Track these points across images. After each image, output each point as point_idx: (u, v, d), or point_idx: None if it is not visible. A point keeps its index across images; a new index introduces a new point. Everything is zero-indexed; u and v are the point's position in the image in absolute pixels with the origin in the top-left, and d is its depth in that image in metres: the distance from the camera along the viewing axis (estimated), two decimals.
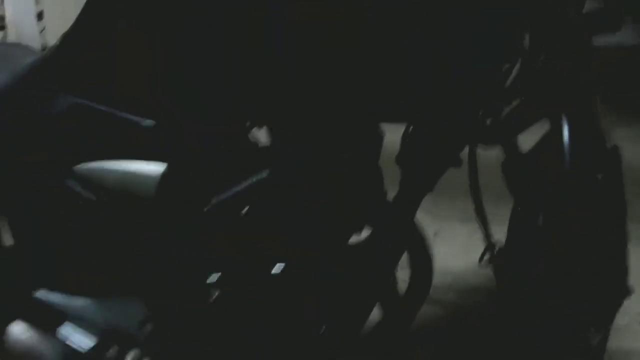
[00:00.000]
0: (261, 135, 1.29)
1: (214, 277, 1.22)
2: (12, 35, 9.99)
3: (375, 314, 1.41)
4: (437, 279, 2.09)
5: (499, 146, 1.29)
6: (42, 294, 1.48)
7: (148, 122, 1.19)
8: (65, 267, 1.43)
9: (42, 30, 10.01)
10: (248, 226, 1.23)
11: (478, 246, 1.44)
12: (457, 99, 1.16)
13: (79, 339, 1.43)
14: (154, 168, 1.19)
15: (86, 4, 1.26)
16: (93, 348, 1.41)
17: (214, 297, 1.23)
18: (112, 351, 1.41)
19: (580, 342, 1.38)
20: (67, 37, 1.30)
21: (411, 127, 1.28)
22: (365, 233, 1.33)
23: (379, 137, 1.26)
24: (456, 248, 2.48)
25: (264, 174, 1.17)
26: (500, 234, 1.38)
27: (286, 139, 1.22)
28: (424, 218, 1.45)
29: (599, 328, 1.47)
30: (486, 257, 1.44)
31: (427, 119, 1.22)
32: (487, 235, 1.40)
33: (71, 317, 1.44)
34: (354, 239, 1.33)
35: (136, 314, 1.36)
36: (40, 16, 10.46)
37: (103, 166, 1.24)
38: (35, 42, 4.44)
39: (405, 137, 1.28)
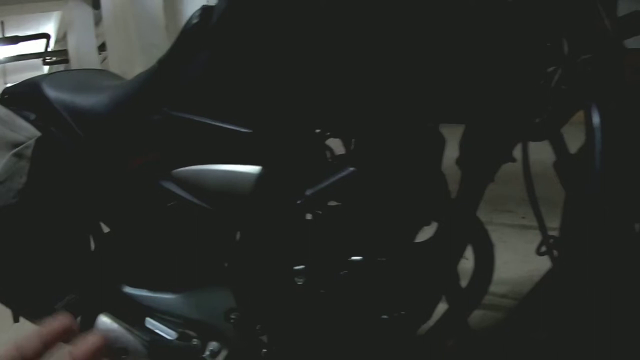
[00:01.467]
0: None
1: (299, 267, 1.36)
2: (74, 67, 10.32)
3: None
4: (493, 287, 2.16)
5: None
6: (129, 288, 1.61)
7: (245, 130, 1.34)
8: (152, 263, 1.57)
9: (103, 61, 10.32)
10: (331, 220, 1.37)
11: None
12: (508, 101, 1.28)
13: (165, 330, 1.54)
14: (249, 169, 1.33)
15: (181, 33, 1.43)
16: (178, 337, 1.52)
17: (298, 285, 1.36)
18: (196, 341, 1.52)
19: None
20: (164, 62, 1.47)
21: (468, 132, 1.41)
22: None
23: (442, 141, 1.39)
24: (513, 258, 2.58)
25: (347, 171, 1.30)
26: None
27: (362, 142, 1.36)
28: None
29: None
30: (543, 248, 1.53)
31: (483, 120, 1.34)
32: (542, 227, 1.48)
33: (158, 310, 1.56)
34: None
35: (221, 306, 1.48)
36: (100, 49, 10.77)
37: (201, 169, 1.38)
38: None
39: (462, 142, 1.41)
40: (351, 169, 1.30)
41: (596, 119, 1.13)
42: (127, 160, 1.52)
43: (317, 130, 1.39)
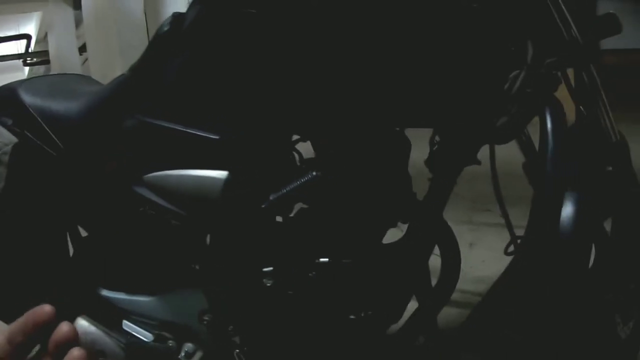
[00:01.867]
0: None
1: (268, 269, 1.38)
2: (55, 68, 10.24)
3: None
4: (471, 286, 2.20)
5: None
6: (106, 291, 1.61)
7: (213, 137, 1.37)
8: (128, 266, 1.58)
9: (84, 62, 10.26)
10: (299, 223, 1.40)
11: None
12: (472, 105, 1.32)
13: (142, 332, 1.55)
14: (217, 174, 1.36)
15: (152, 40, 1.46)
16: (155, 339, 1.54)
17: (267, 287, 1.38)
18: (172, 343, 1.53)
19: (605, 333, 1.42)
20: (136, 69, 1.49)
21: (434, 134, 1.45)
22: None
23: (407, 144, 1.43)
24: (490, 257, 2.61)
25: (310, 175, 1.34)
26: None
27: (330, 146, 1.39)
28: (460, 229, 1.55)
29: (626, 318, 1.50)
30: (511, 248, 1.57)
31: (447, 124, 1.38)
32: (510, 227, 1.52)
33: (135, 312, 1.57)
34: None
35: (194, 308, 1.50)
36: (81, 50, 10.69)
37: (171, 174, 1.41)
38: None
39: (430, 143, 1.45)
40: (314, 172, 1.33)
41: (549, 124, 1.17)
42: (101, 166, 1.54)
43: (286, 135, 1.42)
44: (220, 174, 1.35)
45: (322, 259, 1.37)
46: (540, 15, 1.33)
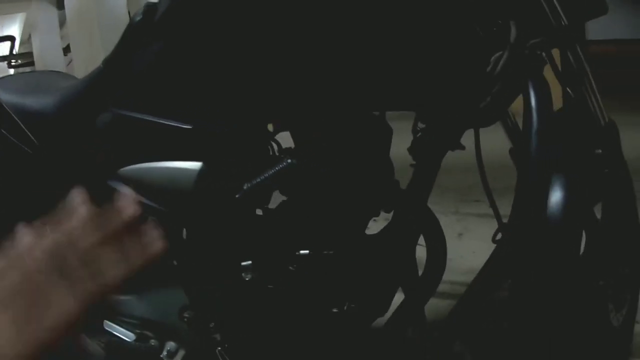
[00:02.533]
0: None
1: (247, 263, 1.35)
2: (40, 69, 10.16)
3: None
4: (460, 277, 2.18)
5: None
6: None
7: (186, 126, 1.34)
8: None
9: (69, 63, 10.20)
10: (278, 214, 1.37)
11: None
12: (454, 87, 1.28)
13: (123, 332, 1.53)
14: (190, 165, 1.33)
15: (125, 31, 1.42)
16: (136, 339, 1.52)
17: (247, 281, 1.35)
18: (154, 342, 1.52)
19: (597, 321, 1.41)
20: (109, 61, 1.47)
21: (416, 120, 1.41)
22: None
23: (388, 131, 1.39)
24: (480, 247, 2.61)
25: (285, 163, 1.31)
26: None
27: (307, 134, 1.36)
28: (449, 219, 1.53)
29: (618, 305, 1.51)
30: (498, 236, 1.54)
31: (428, 107, 1.34)
32: (497, 215, 1.50)
33: (115, 312, 1.54)
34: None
35: (174, 306, 1.48)
36: (66, 50, 10.63)
37: (146, 166, 1.39)
38: None
39: (412, 130, 1.41)
40: (289, 160, 1.30)
41: (534, 104, 1.14)
42: (76, 161, 1.51)
43: (261, 123, 1.39)
44: (194, 164, 1.33)
45: (302, 251, 1.33)
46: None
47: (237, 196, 1.31)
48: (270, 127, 1.44)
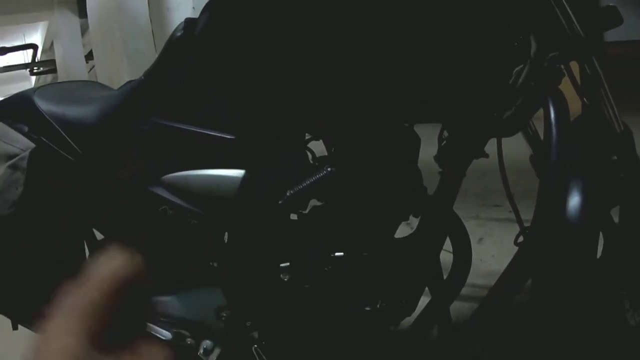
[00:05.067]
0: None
1: (285, 264, 1.42)
2: (62, 77, 10.26)
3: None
4: (482, 280, 2.21)
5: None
6: None
7: (228, 137, 1.40)
8: (148, 267, 1.61)
9: (90, 70, 10.28)
10: (314, 218, 1.44)
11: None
12: (478, 99, 1.35)
13: (160, 332, 1.57)
14: (233, 173, 1.40)
15: (166, 45, 1.49)
16: (173, 338, 1.56)
17: (285, 281, 1.42)
18: (190, 341, 1.56)
19: (614, 321, 1.42)
20: (149, 73, 1.53)
21: (442, 129, 1.48)
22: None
23: (417, 139, 1.46)
24: (500, 251, 2.66)
25: (325, 171, 1.37)
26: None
27: (343, 143, 1.43)
28: (470, 224, 1.56)
29: (635, 305, 1.48)
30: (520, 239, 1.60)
31: (455, 119, 1.41)
32: (519, 219, 1.55)
33: (153, 312, 1.54)
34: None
35: (212, 305, 1.53)
36: (87, 58, 10.71)
37: (189, 174, 1.45)
38: None
39: (438, 139, 1.49)
40: (329, 169, 1.37)
41: (553, 115, 1.19)
42: (118, 168, 1.57)
43: (299, 133, 1.45)
44: (236, 172, 1.39)
45: (337, 253, 1.40)
46: (543, 10, 1.36)
47: (280, 202, 1.38)
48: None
